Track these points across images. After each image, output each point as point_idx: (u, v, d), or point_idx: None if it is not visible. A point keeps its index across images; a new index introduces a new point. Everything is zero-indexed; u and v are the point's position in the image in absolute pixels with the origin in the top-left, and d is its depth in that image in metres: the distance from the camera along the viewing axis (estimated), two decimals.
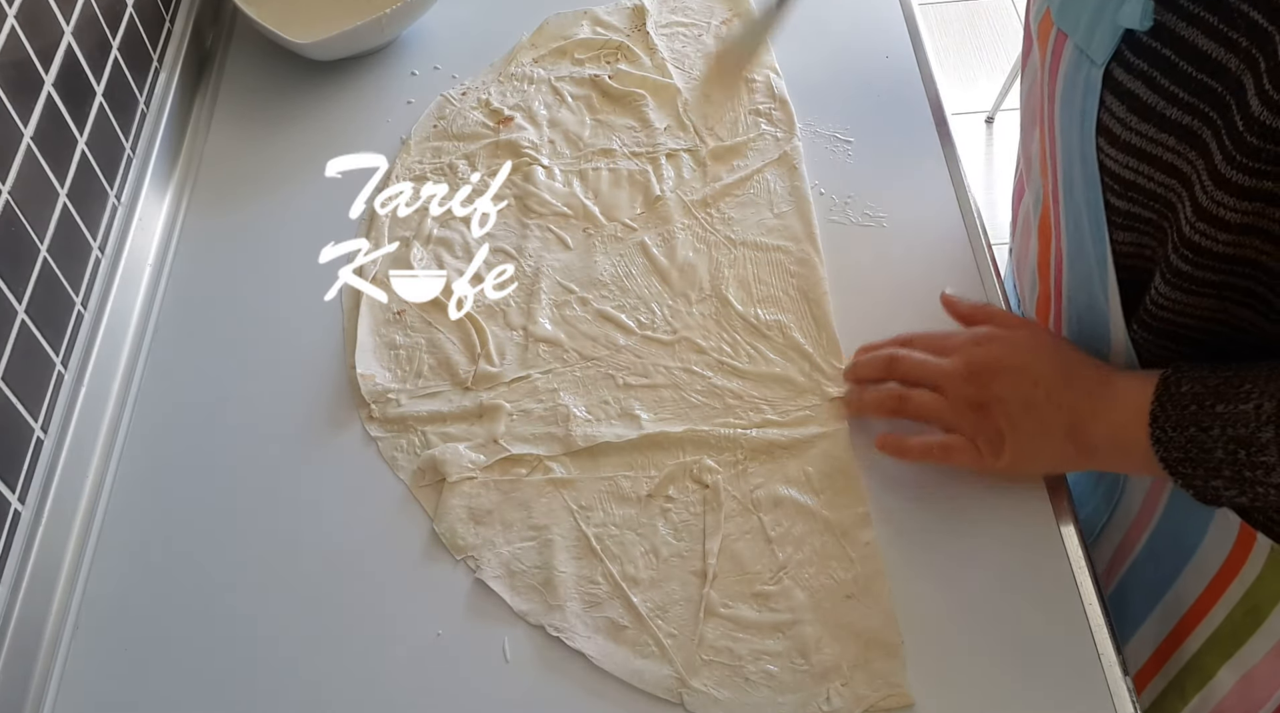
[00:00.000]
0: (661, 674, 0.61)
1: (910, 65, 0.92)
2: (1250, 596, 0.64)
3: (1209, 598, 0.66)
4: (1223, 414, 0.53)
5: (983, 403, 0.63)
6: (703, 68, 0.92)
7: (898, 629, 0.62)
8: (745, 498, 0.67)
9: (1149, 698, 0.75)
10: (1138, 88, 0.51)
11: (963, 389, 0.64)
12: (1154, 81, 0.50)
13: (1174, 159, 0.51)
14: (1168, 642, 0.71)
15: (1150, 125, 0.51)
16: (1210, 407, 0.53)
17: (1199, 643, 0.69)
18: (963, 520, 0.66)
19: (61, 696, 0.64)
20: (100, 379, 0.74)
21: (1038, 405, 0.61)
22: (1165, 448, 0.55)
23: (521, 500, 0.69)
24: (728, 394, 0.72)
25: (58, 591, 0.67)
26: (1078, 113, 0.55)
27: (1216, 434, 0.53)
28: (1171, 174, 0.52)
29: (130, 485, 0.72)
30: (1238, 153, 0.47)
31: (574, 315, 0.77)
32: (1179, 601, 0.69)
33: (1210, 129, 0.48)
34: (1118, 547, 0.73)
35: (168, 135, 0.89)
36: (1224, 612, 0.66)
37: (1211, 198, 0.49)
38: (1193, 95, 0.49)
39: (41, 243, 0.70)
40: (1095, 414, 0.59)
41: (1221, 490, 0.55)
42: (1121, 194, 0.55)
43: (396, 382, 0.75)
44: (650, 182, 0.84)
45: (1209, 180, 0.49)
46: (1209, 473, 0.54)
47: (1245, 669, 0.66)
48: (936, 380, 0.65)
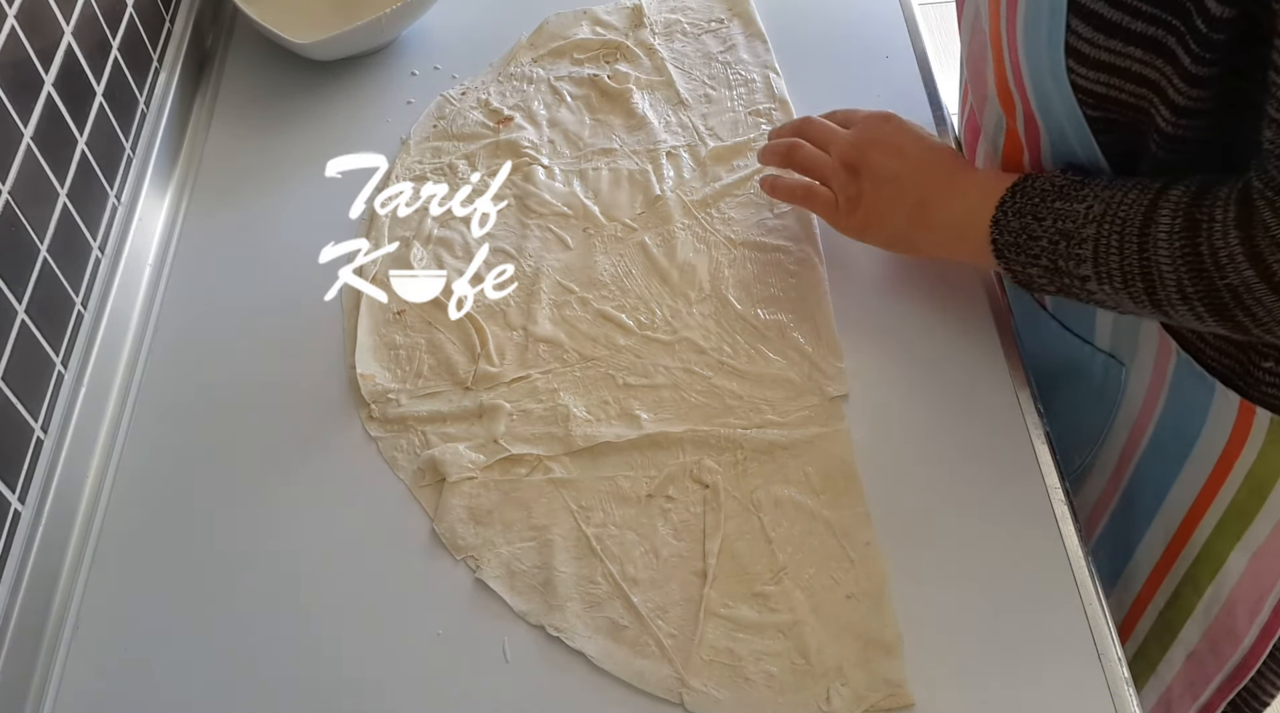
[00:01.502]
0: (662, 674, 0.61)
1: (910, 65, 0.92)
2: (1254, 474, 0.66)
3: (1214, 483, 0.68)
4: (1057, 209, 0.60)
5: (856, 168, 0.71)
6: None
7: (897, 629, 0.62)
8: (745, 498, 0.67)
9: (1164, 597, 0.77)
10: (1100, 7, 0.53)
11: (845, 152, 0.72)
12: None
13: (1143, 69, 0.54)
14: (1177, 536, 0.73)
15: (1116, 40, 0.54)
16: (1050, 202, 0.60)
17: (1208, 531, 0.71)
18: (962, 521, 0.66)
19: (61, 696, 0.64)
20: (100, 379, 0.74)
21: (898, 179, 0.69)
22: (1000, 231, 0.62)
23: (521, 500, 0.69)
24: (728, 394, 0.72)
25: (58, 591, 0.67)
26: (1044, 37, 0.57)
27: (1048, 225, 0.60)
28: (1142, 84, 0.55)
29: (130, 485, 0.72)
30: (1204, 51, 0.50)
31: (574, 315, 0.77)
32: (1185, 491, 0.71)
33: (1174, 36, 0.52)
34: (1121, 449, 0.75)
35: (168, 135, 0.89)
36: (1230, 494, 0.68)
37: (1186, 96, 0.52)
38: (1154, 6, 0.52)
39: (41, 243, 0.70)
40: (945, 198, 0.67)
41: (1035, 278, 0.62)
42: (1096, 107, 0.59)
43: (396, 382, 0.75)
44: (650, 181, 0.84)
45: (1181, 82, 0.52)
46: (1029, 259, 0.61)
47: (1254, 548, 0.69)
48: (830, 141, 0.73)
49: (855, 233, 0.73)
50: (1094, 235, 0.58)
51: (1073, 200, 0.59)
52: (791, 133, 0.77)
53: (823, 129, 0.75)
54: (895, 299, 0.77)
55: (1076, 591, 0.63)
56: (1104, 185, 0.59)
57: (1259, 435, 0.64)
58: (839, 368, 0.73)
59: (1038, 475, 0.68)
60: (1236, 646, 0.73)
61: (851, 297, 0.77)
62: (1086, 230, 0.58)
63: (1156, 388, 0.69)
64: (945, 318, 0.75)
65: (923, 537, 0.66)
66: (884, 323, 0.75)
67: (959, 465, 0.68)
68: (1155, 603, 0.77)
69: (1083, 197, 0.59)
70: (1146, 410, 0.71)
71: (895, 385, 0.72)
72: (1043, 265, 0.61)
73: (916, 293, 0.77)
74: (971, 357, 0.73)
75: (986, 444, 0.69)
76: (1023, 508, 0.66)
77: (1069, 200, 0.60)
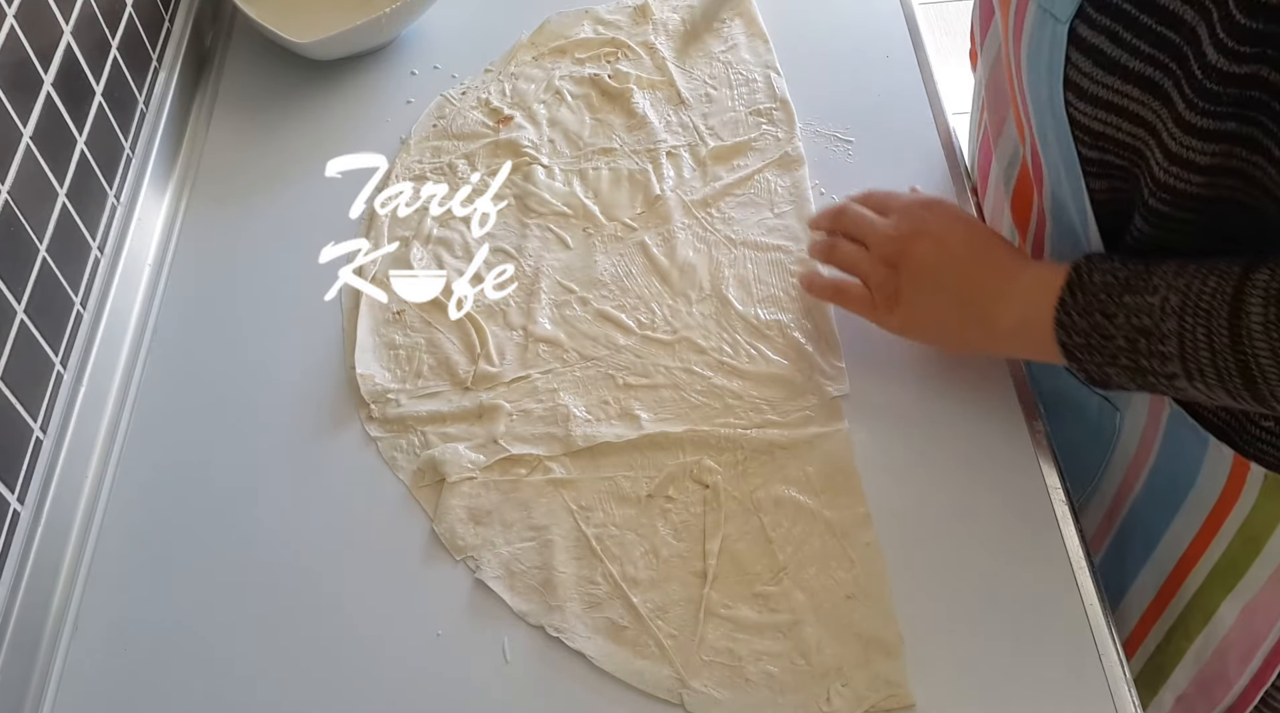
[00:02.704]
0: (662, 675, 0.61)
1: (910, 65, 0.92)
2: (1247, 526, 0.65)
3: (1207, 533, 0.67)
4: (1129, 304, 0.55)
5: (896, 262, 0.67)
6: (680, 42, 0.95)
7: (898, 629, 0.62)
8: (745, 498, 0.67)
9: (1154, 641, 0.76)
10: (1101, 42, 0.53)
11: (883, 244, 0.68)
12: (1116, 36, 0.52)
13: (1139, 109, 0.53)
14: (1169, 582, 0.72)
15: (1115, 78, 0.53)
16: (1118, 297, 0.55)
17: (1200, 580, 0.70)
18: (963, 521, 0.66)
19: (61, 696, 0.64)
20: (100, 379, 0.74)
21: (943, 273, 0.65)
22: (1067, 332, 0.58)
23: (521, 501, 0.69)
24: (728, 394, 0.72)
25: (57, 591, 0.67)
26: (1045, 69, 0.56)
27: (1121, 322, 0.55)
28: (1138, 124, 0.54)
29: (129, 486, 0.72)
30: (1199, 99, 0.49)
31: (574, 315, 0.77)
32: (1177, 539, 0.70)
33: (1171, 79, 0.50)
34: (1115, 492, 0.74)
35: (167, 135, 0.89)
36: (1222, 545, 0.67)
37: (1180, 143, 0.51)
38: (1153, 47, 0.51)
39: (41, 243, 0.70)
40: (1003, 294, 0.62)
41: (1114, 377, 0.57)
42: (1092, 145, 0.57)
43: (396, 382, 0.75)
44: (650, 181, 0.84)
45: (1174, 127, 0.51)
46: (1105, 360, 0.57)
47: (1246, 600, 0.68)
48: (867, 234, 0.69)
49: (899, 330, 0.69)
50: (1177, 331, 0.53)
51: (1143, 292, 0.54)
52: (829, 223, 0.73)
53: (859, 220, 0.70)
54: None
55: (1077, 590, 0.63)
56: (1174, 272, 0.54)
57: (1253, 490, 0.63)
58: (839, 368, 0.73)
59: (1038, 475, 0.68)
60: (1227, 691, 0.72)
61: None
62: (1167, 325, 0.53)
63: (1150, 436, 0.68)
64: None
65: (923, 537, 0.65)
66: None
67: (959, 465, 0.68)
68: (1145, 646, 0.76)
69: (1153, 287, 0.54)
70: (1140, 457, 0.70)
71: (895, 385, 0.72)
72: (1122, 365, 0.56)
73: None
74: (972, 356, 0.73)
75: (986, 444, 0.69)
76: (1023, 508, 0.66)
77: (1139, 293, 0.54)
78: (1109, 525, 0.76)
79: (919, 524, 0.66)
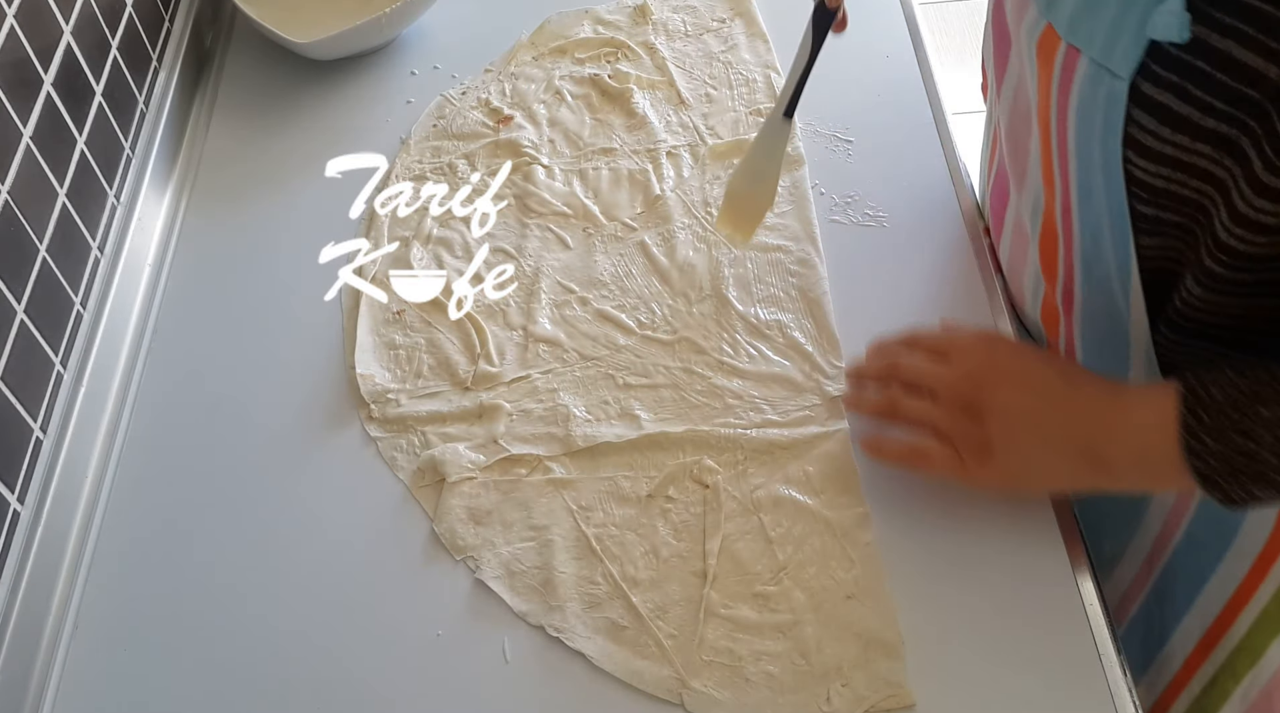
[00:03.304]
0: (661, 675, 0.61)
1: (910, 65, 0.92)
2: None
3: (1255, 576, 0.65)
4: (1267, 418, 0.50)
5: (977, 410, 0.61)
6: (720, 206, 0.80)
7: (898, 629, 0.62)
8: (745, 498, 0.67)
9: (1199, 683, 0.74)
10: (1168, 99, 0.50)
11: (958, 394, 0.62)
12: (1186, 93, 0.49)
13: (1209, 166, 0.50)
14: (1215, 626, 0.70)
15: (1184, 136, 0.50)
16: (1251, 410, 0.51)
17: (1248, 622, 0.68)
18: (963, 520, 0.66)
19: (61, 696, 0.64)
20: (100, 379, 0.74)
21: (1040, 416, 0.59)
22: (1201, 459, 0.53)
23: (521, 501, 0.69)
24: (728, 394, 0.72)
25: (57, 591, 0.67)
26: (1099, 127, 0.54)
27: (1268, 441, 0.50)
28: (1206, 180, 0.51)
29: (129, 485, 0.72)
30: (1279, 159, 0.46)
31: (574, 315, 0.77)
32: (1224, 584, 0.68)
33: (1249, 137, 0.48)
34: (1155, 539, 0.73)
35: (167, 135, 0.89)
36: (1272, 587, 0.65)
37: (1250, 204, 0.48)
38: (1229, 105, 0.48)
39: (41, 243, 0.70)
40: (1113, 429, 0.57)
41: (1257, 494, 0.52)
42: (1150, 201, 0.54)
43: (396, 382, 0.75)
44: (650, 181, 0.84)
45: (1248, 187, 0.48)
46: (1253, 479, 0.52)
47: None
48: (933, 385, 0.64)
49: (997, 486, 0.63)
50: None
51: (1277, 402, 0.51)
52: (877, 372, 0.67)
53: (917, 370, 0.64)
54: (895, 298, 0.77)
55: (1077, 590, 0.63)
56: None
57: None
58: (839, 368, 0.73)
59: None
60: None
61: (851, 297, 0.77)
62: None
63: None
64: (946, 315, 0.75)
65: (923, 537, 0.65)
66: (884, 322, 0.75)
67: None
68: (1190, 689, 0.74)
69: None
70: (1180, 505, 0.68)
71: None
72: (1273, 481, 0.52)
73: (916, 291, 0.77)
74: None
75: None
76: (1023, 507, 0.66)
77: (1275, 405, 0.51)
78: (1149, 572, 0.74)
79: (919, 524, 0.66)
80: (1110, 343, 0.64)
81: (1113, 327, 0.63)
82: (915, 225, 0.81)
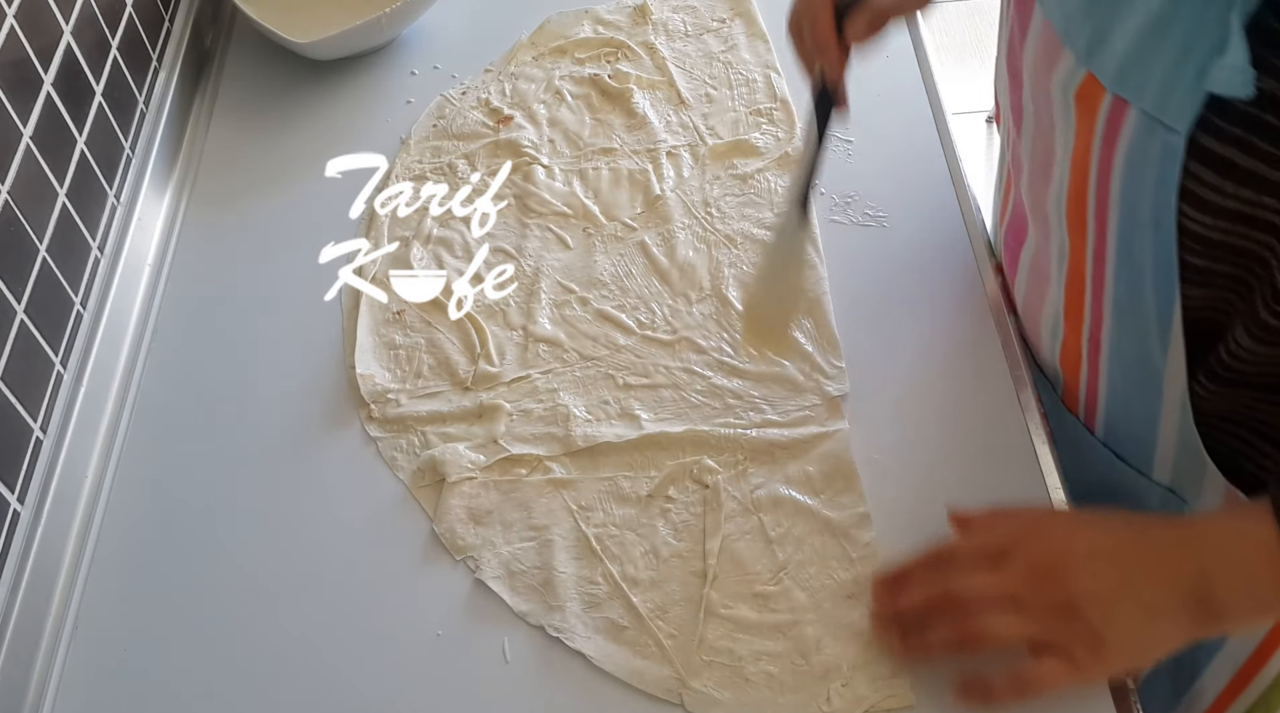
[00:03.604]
0: (661, 675, 0.61)
1: (910, 65, 0.92)
2: None
3: None
4: None
5: (1068, 605, 0.55)
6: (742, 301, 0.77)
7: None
8: (745, 498, 0.67)
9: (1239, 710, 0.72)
10: (1231, 153, 0.47)
11: (1041, 595, 0.55)
12: (1251, 146, 0.47)
13: (1274, 218, 0.48)
14: (1249, 663, 0.68)
15: (1248, 190, 0.48)
16: None
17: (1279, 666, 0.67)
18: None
19: (61, 696, 0.64)
20: (100, 379, 0.74)
21: (1135, 587, 0.54)
22: None
23: (521, 501, 0.69)
24: (728, 394, 0.72)
25: (57, 591, 0.66)
26: (1151, 181, 0.51)
27: None
28: (1269, 231, 0.49)
29: (130, 485, 0.72)
30: None
31: (574, 315, 0.77)
32: None
33: None
34: None
35: (167, 135, 0.89)
36: None
37: None
38: None
39: (41, 243, 0.70)
40: (1210, 576, 0.53)
41: None
42: (1202, 253, 0.52)
43: (396, 382, 0.75)
44: (650, 181, 0.84)
45: None
46: None
47: None
48: (1002, 592, 0.56)
49: (1125, 669, 0.58)
50: None
51: None
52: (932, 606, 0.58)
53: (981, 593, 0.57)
54: (895, 298, 0.77)
55: None
56: None
57: None
58: (839, 368, 0.73)
59: (1039, 475, 0.67)
60: None
61: (851, 297, 0.77)
62: None
63: None
64: (946, 315, 0.75)
65: (923, 537, 0.65)
66: (884, 322, 0.75)
67: (959, 465, 0.68)
68: None
69: None
70: None
71: (895, 385, 0.72)
72: None
73: (916, 291, 0.77)
74: (972, 355, 0.73)
75: (987, 443, 0.69)
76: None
77: None
78: None
79: (919, 524, 0.66)
80: (1141, 392, 0.62)
81: (1145, 376, 0.61)
82: (915, 225, 0.81)
